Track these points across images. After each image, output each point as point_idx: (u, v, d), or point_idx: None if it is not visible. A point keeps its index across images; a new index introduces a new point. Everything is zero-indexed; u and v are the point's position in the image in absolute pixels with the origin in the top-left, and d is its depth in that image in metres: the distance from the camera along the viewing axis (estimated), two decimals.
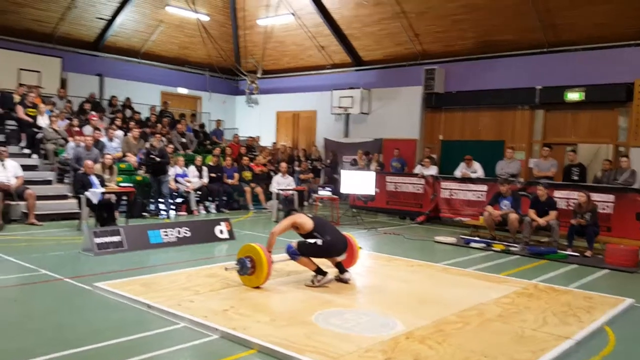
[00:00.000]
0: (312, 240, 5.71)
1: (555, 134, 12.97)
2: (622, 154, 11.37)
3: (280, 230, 5.76)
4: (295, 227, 5.83)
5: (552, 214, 9.11)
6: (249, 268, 5.50)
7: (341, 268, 5.98)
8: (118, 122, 12.89)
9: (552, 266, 7.76)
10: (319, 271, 5.75)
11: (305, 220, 5.82)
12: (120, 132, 12.65)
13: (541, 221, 9.04)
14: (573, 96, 12.20)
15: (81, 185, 9.05)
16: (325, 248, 5.73)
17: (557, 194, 10.06)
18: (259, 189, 13.29)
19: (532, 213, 9.24)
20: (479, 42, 13.63)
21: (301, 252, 5.69)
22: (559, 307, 5.31)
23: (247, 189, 13.13)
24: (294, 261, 5.78)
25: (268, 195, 12.92)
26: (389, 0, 13.76)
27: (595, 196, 9.33)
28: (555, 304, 5.45)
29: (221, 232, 8.66)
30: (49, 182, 11.12)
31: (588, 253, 8.52)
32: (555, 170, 11.10)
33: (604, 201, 9.66)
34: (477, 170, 11.88)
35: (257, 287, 5.49)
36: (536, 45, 12.79)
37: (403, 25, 14.25)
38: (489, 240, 9.44)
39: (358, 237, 9.34)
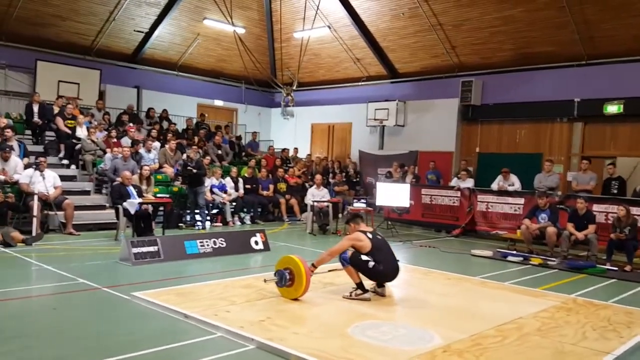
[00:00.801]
0: (366, 258, 5.65)
1: (594, 147, 12.68)
2: None
3: (338, 251, 5.70)
4: (354, 244, 5.76)
5: (591, 227, 8.93)
6: (288, 280, 5.50)
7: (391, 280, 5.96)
8: (154, 133, 13.17)
9: (591, 281, 7.58)
10: (361, 286, 5.70)
11: (364, 242, 5.70)
12: (157, 144, 12.93)
13: (580, 235, 8.86)
14: (612, 109, 11.94)
15: (119, 195, 9.28)
16: (374, 273, 5.68)
17: (596, 207, 9.84)
18: (293, 201, 13.39)
19: (570, 227, 9.07)
20: (517, 54, 13.48)
21: (353, 263, 5.68)
22: (598, 322, 5.20)
23: (282, 200, 13.24)
24: (343, 267, 5.76)
25: (303, 207, 13.00)
26: (426, 13, 13.75)
27: (634, 210, 9.10)
28: (595, 318, 5.34)
29: (256, 243, 8.74)
30: (87, 193, 11.41)
31: (627, 267, 8.32)
32: (595, 184, 10.84)
33: None
34: (515, 183, 11.71)
35: (295, 299, 5.50)
36: (574, 57, 12.58)
37: (439, 37, 14.21)
38: (526, 254, 9.27)
39: (394, 250, 9.35)
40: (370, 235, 5.79)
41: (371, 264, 5.61)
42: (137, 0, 14.37)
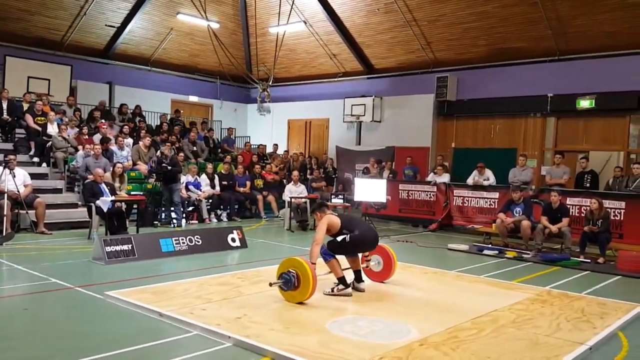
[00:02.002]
0: (340, 238, 5.66)
1: (567, 141, 12.89)
2: (633, 161, 11.27)
3: (321, 238, 5.61)
4: (329, 228, 5.72)
5: (565, 220, 9.08)
6: (294, 283, 5.26)
7: (358, 277, 5.93)
8: (127, 129, 12.95)
9: (565, 273, 7.72)
10: (343, 281, 5.66)
11: (333, 220, 5.73)
12: (130, 141, 12.73)
13: (553, 228, 9.01)
14: (585, 104, 12.14)
15: (91, 193, 9.11)
16: (354, 243, 5.67)
17: (570, 200, 10.02)
18: (271, 197, 13.32)
19: (544, 220, 9.22)
20: (491, 49, 13.61)
21: (332, 250, 5.64)
22: (572, 314, 5.28)
23: (259, 197, 13.16)
24: (325, 262, 5.68)
25: (280, 204, 12.94)
26: (401, 9, 13.79)
27: (607, 203, 9.31)
28: (569, 310, 5.42)
29: (233, 240, 8.66)
30: (58, 191, 11.19)
31: (600, 260, 8.49)
32: (568, 178, 11.04)
33: (615, 208, 9.63)
34: (490, 177, 11.85)
35: (301, 303, 5.26)
36: (547, 53, 12.75)
37: (415, 33, 14.27)
38: (501, 248, 9.40)
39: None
40: (336, 214, 5.90)
41: (347, 237, 5.62)
42: None
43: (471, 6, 12.81)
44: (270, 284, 5.40)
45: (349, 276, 5.88)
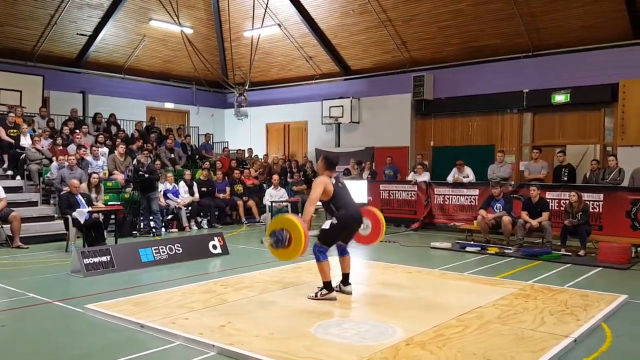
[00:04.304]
0: (326, 225, 5.56)
1: (544, 136, 13.05)
2: (609, 153, 11.45)
3: (316, 198, 5.47)
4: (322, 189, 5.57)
5: (545, 215, 9.16)
6: (285, 241, 5.15)
7: (346, 280, 5.86)
8: (102, 139, 12.73)
9: (547, 266, 7.77)
10: (328, 285, 5.55)
11: (329, 186, 5.57)
12: (105, 150, 12.52)
13: (534, 223, 9.09)
14: (560, 98, 12.31)
15: (67, 205, 8.94)
16: (341, 224, 5.56)
17: (549, 195, 10.12)
18: (251, 202, 13.21)
19: (524, 215, 9.29)
20: (466, 47, 13.72)
21: (325, 241, 5.52)
22: (556, 307, 5.31)
23: (240, 202, 13.04)
24: (317, 262, 5.54)
25: (261, 208, 12.83)
26: (375, 9, 13.83)
27: (585, 196, 9.42)
28: (552, 303, 5.45)
29: (214, 247, 8.54)
30: (34, 204, 10.96)
31: (581, 252, 8.57)
32: (546, 172, 11.16)
33: (594, 200, 9.77)
34: (469, 175, 11.93)
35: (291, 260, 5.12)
36: (521, 49, 12.91)
37: (390, 33, 14.32)
38: (483, 244, 9.44)
39: (354, 246, 9.34)
40: (334, 181, 5.69)
41: (334, 221, 5.52)
42: (79, 3, 13.86)
43: (445, 5, 12.91)
44: (262, 241, 5.34)
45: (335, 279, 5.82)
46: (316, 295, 5.54)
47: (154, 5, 14.42)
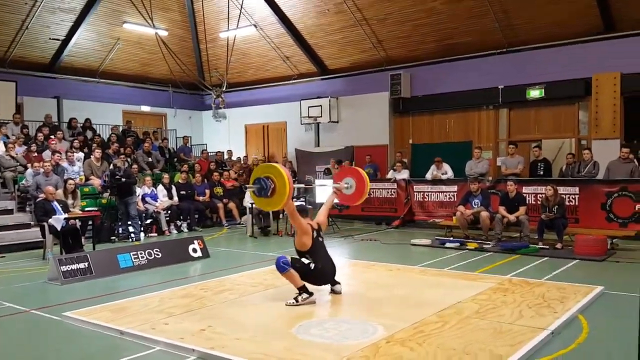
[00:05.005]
0: (306, 261, 5.50)
1: (520, 131, 13.21)
2: (584, 147, 11.65)
3: (291, 204, 5.37)
4: (300, 232, 5.53)
5: (522, 209, 9.29)
6: (269, 189, 5.08)
7: (333, 281, 5.83)
8: (77, 144, 12.55)
9: (525, 260, 7.89)
10: (304, 289, 5.43)
11: (308, 237, 5.52)
12: (81, 155, 12.34)
13: (511, 217, 9.21)
14: (534, 94, 12.47)
15: (43, 212, 8.79)
16: (317, 275, 5.52)
17: (525, 189, 10.26)
18: (232, 204, 13.13)
19: (502, 210, 9.40)
20: (441, 45, 13.83)
21: (295, 268, 5.39)
22: (533, 300, 5.39)
23: (220, 205, 12.95)
24: (281, 273, 5.41)
25: (242, 210, 12.77)
26: (350, 8, 13.86)
27: (561, 189, 9.60)
28: (530, 296, 5.53)
29: (194, 250, 8.47)
30: (9, 212, 10.75)
31: (558, 245, 8.71)
32: (522, 167, 11.31)
33: (570, 194, 9.95)
34: (447, 171, 12.04)
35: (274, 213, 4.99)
36: (496, 45, 13.04)
37: (366, 32, 14.37)
38: (462, 240, 9.53)
39: (336, 246, 9.40)
40: (314, 234, 5.62)
41: (312, 265, 5.49)
42: (51, 7, 13.62)
43: (418, 3, 12.99)
44: (245, 187, 5.30)
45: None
46: (296, 301, 5.36)
47: (127, 8, 14.24)
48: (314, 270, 5.49)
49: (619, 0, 11.02)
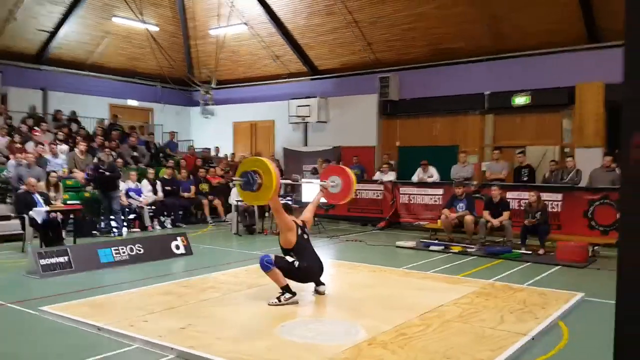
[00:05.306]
0: (290, 259, 5.46)
1: (505, 137, 13.31)
2: (567, 154, 11.77)
3: (277, 200, 5.37)
4: (284, 229, 5.50)
5: (505, 214, 9.34)
6: (255, 183, 5.05)
7: (318, 281, 5.82)
8: (61, 136, 12.38)
9: (508, 265, 7.93)
10: (287, 289, 5.38)
11: (293, 235, 5.48)
12: (65, 147, 12.18)
13: (495, 222, 9.25)
14: (520, 100, 12.56)
15: (24, 204, 8.68)
16: (301, 272, 5.47)
17: (509, 194, 10.33)
18: (217, 202, 13.04)
19: (486, 214, 9.45)
20: (430, 50, 13.88)
21: (277, 266, 5.34)
22: (515, 305, 5.41)
23: (205, 201, 12.87)
24: (264, 272, 5.36)
25: (228, 208, 12.69)
26: (341, 10, 13.85)
27: (544, 196, 9.67)
28: (512, 302, 5.55)
29: (177, 247, 8.39)
30: None
31: (541, 251, 8.77)
32: (507, 172, 11.40)
33: (552, 200, 10.04)
34: (433, 174, 12.10)
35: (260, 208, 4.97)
36: (483, 52, 13.11)
37: (356, 35, 14.37)
38: (447, 243, 9.56)
39: (321, 246, 9.37)
40: (299, 232, 5.60)
41: (297, 263, 5.45)
42: None
43: (409, 7, 13.03)
44: (232, 181, 5.28)
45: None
46: (279, 301, 5.31)
47: (117, 2, 14.09)
48: (298, 268, 5.46)
49: (604, 12, 11.14)
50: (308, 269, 5.56)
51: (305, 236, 5.71)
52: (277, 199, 5.43)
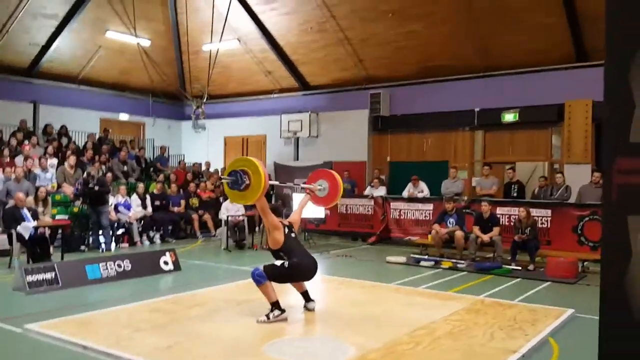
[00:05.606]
0: (278, 263, 5.43)
1: (495, 153, 13.40)
2: (557, 170, 11.86)
3: (263, 200, 5.35)
4: (271, 229, 5.47)
5: (496, 230, 9.38)
6: (243, 183, 5.04)
7: (307, 297, 5.77)
8: (50, 149, 12.31)
9: (498, 281, 7.93)
10: (277, 305, 5.32)
11: (280, 233, 5.46)
12: (55, 161, 12.10)
13: (485, 238, 9.28)
14: (509, 117, 12.67)
15: (12, 219, 8.58)
16: (294, 271, 5.43)
17: (499, 210, 10.38)
18: (207, 216, 12.97)
19: (476, 230, 9.48)
20: (420, 67, 14.00)
21: (268, 274, 5.30)
22: (505, 322, 5.40)
23: (195, 216, 12.80)
24: (257, 286, 5.34)
25: (217, 222, 12.62)
26: (333, 28, 13.97)
27: (534, 211, 9.72)
28: (502, 318, 5.54)
29: (166, 263, 8.30)
30: None
31: (531, 267, 8.78)
32: (497, 188, 11.46)
33: (542, 216, 10.08)
34: (424, 190, 12.13)
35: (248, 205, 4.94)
36: (473, 69, 13.25)
37: (347, 51, 14.48)
38: (437, 258, 9.55)
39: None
40: (286, 231, 5.57)
41: (286, 263, 5.39)
42: (32, 12, 13.42)
43: (400, 26, 13.16)
44: (220, 179, 5.24)
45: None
46: (268, 318, 5.25)
47: (111, 16, 14.12)
48: (290, 266, 5.39)
49: (591, 31, 11.32)
50: (300, 265, 5.48)
51: (293, 235, 5.68)
52: (264, 200, 5.41)
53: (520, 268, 8.73)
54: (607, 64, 1.82)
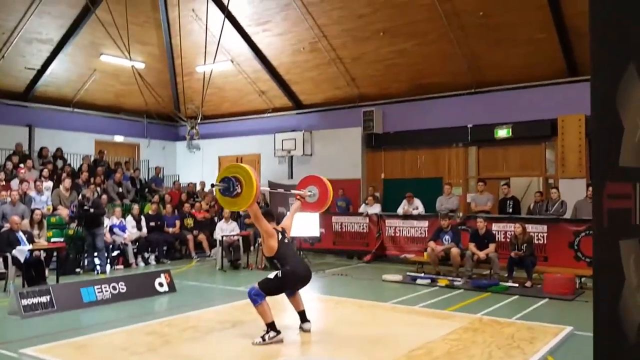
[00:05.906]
0: (271, 275, 5.42)
1: (489, 169, 13.46)
2: (551, 185, 11.91)
3: (256, 207, 5.35)
4: (264, 236, 5.48)
5: (492, 246, 9.36)
6: (235, 190, 5.05)
7: (303, 317, 5.75)
8: (45, 172, 12.30)
9: (495, 298, 7.90)
10: (273, 326, 5.29)
11: (274, 240, 5.47)
12: (50, 184, 12.08)
13: (481, 254, 9.26)
14: (502, 133, 12.76)
15: (7, 243, 8.54)
16: (286, 279, 5.41)
17: (495, 226, 10.39)
18: (202, 236, 12.93)
19: (472, 246, 9.47)
20: (412, 84, 14.12)
21: (263, 289, 5.30)
22: (503, 340, 5.38)
23: (190, 237, 12.75)
24: (254, 306, 5.33)
25: (212, 243, 12.58)
26: (325, 47, 14.11)
27: (529, 227, 9.71)
28: (500, 337, 5.52)
29: (161, 284, 8.25)
30: None
31: (528, 283, 8.74)
32: (492, 204, 11.47)
33: (538, 232, 10.08)
34: (418, 206, 12.13)
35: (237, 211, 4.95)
36: (465, 86, 13.37)
37: (340, 70, 14.61)
38: (433, 276, 9.52)
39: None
40: (280, 237, 5.57)
41: (279, 273, 5.38)
42: (27, 37, 13.51)
43: (391, 44, 13.29)
44: (212, 185, 5.25)
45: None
46: (263, 340, 5.22)
47: (105, 40, 14.20)
48: (283, 276, 5.38)
49: (581, 45, 11.47)
50: (293, 273, 5.47)
51: (286, 241, 5.69)
52: (256, 206, 5.42)
53: (517, 285, 8.69)
54: (593, 87, 1.86)
